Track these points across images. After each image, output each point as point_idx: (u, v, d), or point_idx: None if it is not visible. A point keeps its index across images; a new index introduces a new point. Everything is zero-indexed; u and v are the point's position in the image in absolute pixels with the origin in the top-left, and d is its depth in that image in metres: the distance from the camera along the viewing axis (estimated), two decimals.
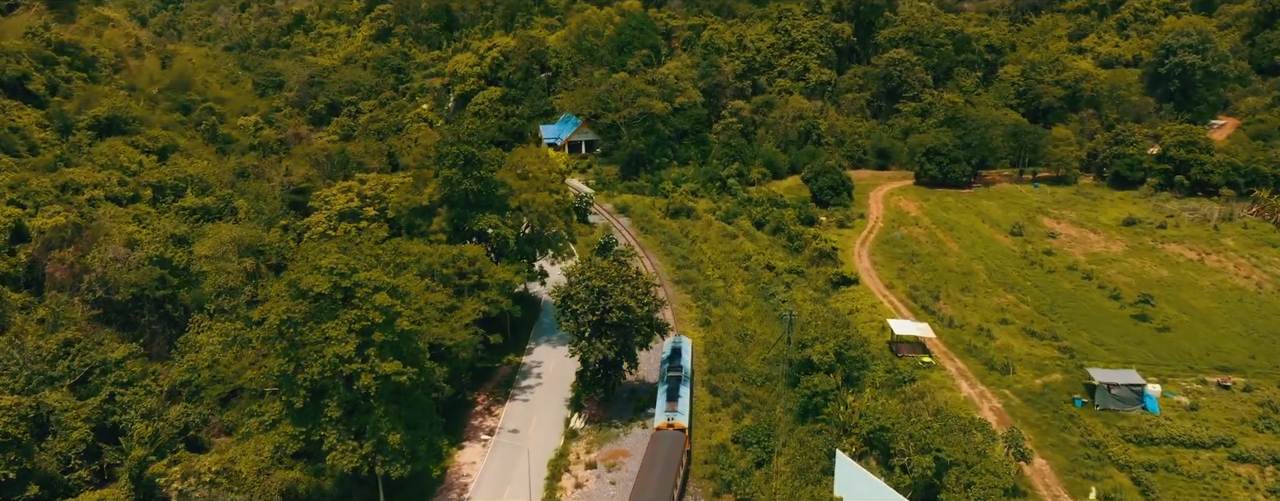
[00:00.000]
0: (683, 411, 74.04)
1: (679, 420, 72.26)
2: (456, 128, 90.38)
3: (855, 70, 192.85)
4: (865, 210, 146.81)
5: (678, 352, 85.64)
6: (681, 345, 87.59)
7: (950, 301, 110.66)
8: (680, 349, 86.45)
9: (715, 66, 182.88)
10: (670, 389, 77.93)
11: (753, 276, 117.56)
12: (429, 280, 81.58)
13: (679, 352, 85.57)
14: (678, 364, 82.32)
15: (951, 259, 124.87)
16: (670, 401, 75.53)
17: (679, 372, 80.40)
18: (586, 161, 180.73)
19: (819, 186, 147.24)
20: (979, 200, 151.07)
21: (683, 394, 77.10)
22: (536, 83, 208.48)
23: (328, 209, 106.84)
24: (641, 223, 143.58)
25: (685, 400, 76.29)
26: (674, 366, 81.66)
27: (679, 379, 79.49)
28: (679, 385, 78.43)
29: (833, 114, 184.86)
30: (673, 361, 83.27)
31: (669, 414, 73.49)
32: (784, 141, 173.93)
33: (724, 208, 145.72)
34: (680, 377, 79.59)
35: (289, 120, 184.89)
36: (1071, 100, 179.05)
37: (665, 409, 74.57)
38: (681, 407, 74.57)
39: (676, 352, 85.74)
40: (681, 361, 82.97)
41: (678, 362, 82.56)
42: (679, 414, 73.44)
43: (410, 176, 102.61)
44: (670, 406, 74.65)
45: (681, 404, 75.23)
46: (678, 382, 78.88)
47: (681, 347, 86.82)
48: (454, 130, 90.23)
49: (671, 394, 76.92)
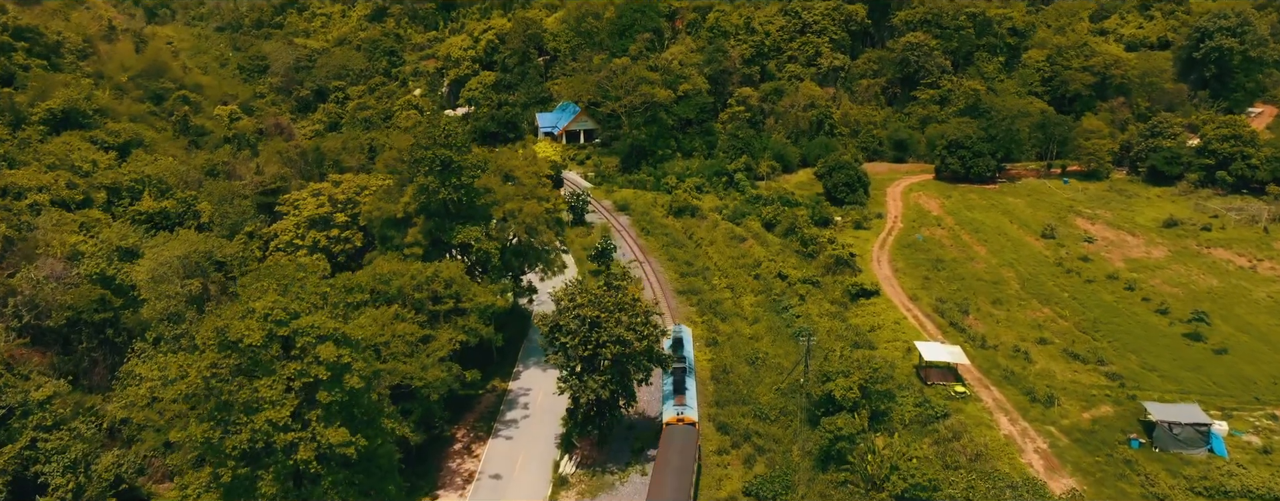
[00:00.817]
0: (692, 405, 72.19)
1: (689, 414, 70.13)
2: (432, 129, 79.71)
3: (869, 55, 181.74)
4: (883, 208, 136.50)
5: (680, 343, 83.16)
6: (682, 335, 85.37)
7: (981, 316, 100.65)
8: (681, 339, 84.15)
9: (721, 51, 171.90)
10: (676, 381, 75.77)
11: (763, 286, 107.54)
12: (398, 307, 71.69)
13: (681, 343, 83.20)
14: (680, 355, 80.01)
15: (979, 265, 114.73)
16: (677, 394, 73.51)
17: (682, 364, 78.32)
18: (584, 152, 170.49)
19: (833, 183, 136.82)
20: (1005, 197, 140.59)
21: (689, 385, 75.49)
22: (533, 67, 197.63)
23: (296, 214, 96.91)
24: (642, 222, 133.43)
25: (692, 392, 74.64)
26: (677, 358, 78.99)
27: (683, 370, 77.40)
28: (684, 377, 76.52)
29: (846, 102, 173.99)
30: (675, 352, 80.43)
31: (678, 408, 71.12)
32: (794, 132, 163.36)
33: (731, 206, 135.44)
34: (685, 369, 77.65)
35: (270, 108, 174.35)
36: (1099, 87, 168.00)
37: (673, 402, 72.29)
38: (690, 400, 72.81)
39: (678, 343, 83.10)
40: (684, 352, 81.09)
41: (680, 354, 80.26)
42: (688, 408, 71.27)
43: (388, 179, 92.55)
44: (678, 400, 72.57)
45: (689, 396, 73.48)
46: (683, 374, 76.78)
47: (683, 337, 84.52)
48: (429, 132, 79.82)
49: (678, 386, 74.99)
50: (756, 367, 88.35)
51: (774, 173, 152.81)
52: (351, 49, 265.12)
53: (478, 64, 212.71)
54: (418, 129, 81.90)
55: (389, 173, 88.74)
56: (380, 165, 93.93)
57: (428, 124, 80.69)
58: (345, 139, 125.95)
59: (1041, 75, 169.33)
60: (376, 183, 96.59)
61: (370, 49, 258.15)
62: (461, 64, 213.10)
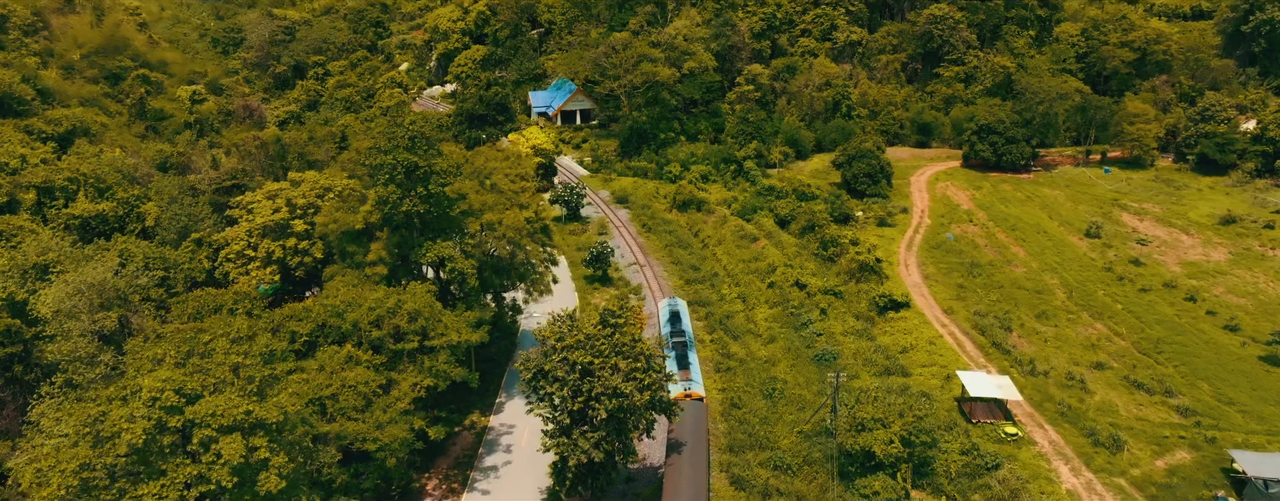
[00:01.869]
0: (697, 379, 70.87)
1: (695, 389, 68.69)
2: (394, 129, 67.37)
3: (889, 28, 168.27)
4: (908, 201, 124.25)
5: (677, 316, 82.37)
6: (678, 307, 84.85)
7: (1026, 332, 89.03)
8: (678, 312, 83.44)
9: (729, 25, 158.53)
10: (678, 355, 73.96)
11: (779, 296, 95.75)
12: (353, 347, 60.00)
13: (678, 316, 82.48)
14: (679, 328, 79.33)
15: (1018, 269, 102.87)
16: (682, 369, 71.71)
17: (683, 337, 77.40)
18: (581, 135, 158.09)
19: (853, 173, 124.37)
20: (1041, 188, 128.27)
21: (692, 359, 74.18)
22: (526, 42, 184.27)
23: (249, 220, 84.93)
24: (643, 217, 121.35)
25: (696, 366, 73.35)
26: (676, 332, 78.63)
27: (684, 344, 76.36)
28: (686, 351, 75.17)
29: (864, 80, 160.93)
30: (674, 326, 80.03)
31: (684, 383, 69.31)
32: (808, 114, 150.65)
33: (741, 199, 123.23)
34: (686, 342, 76.62)
35: (241, 87, 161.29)
36: (1138, 64, 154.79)
37: (679, 377, 69.86)
38: (695, 375, 71.56)
39: (676, 316, 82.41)
40: (683, 326, 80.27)
41: (679, 327, 79.55)
42: (695, 383, 69.93)
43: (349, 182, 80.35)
44: (683, 375, 70.84)
45: (694, 371, 72.21)
46: (684, 348, 75.54)
47: (679, 310, 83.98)
48: (391, 132, 67.46)
49: (681, 361, 73.17)
50: (774, 401, 76.82)
51: (786, 159, 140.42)
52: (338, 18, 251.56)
53: (468, 37, 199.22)
54: (376, 129, 69.51)
55: (350, 176, 76.48)
56: (337, 167, 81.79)
57: (389, 122, 68.28)
58: (311, 129, 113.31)
59: (1076, 51, 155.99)
60: (341, 184, 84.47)
61: (355, 19, 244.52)
62: (450, 37, 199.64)
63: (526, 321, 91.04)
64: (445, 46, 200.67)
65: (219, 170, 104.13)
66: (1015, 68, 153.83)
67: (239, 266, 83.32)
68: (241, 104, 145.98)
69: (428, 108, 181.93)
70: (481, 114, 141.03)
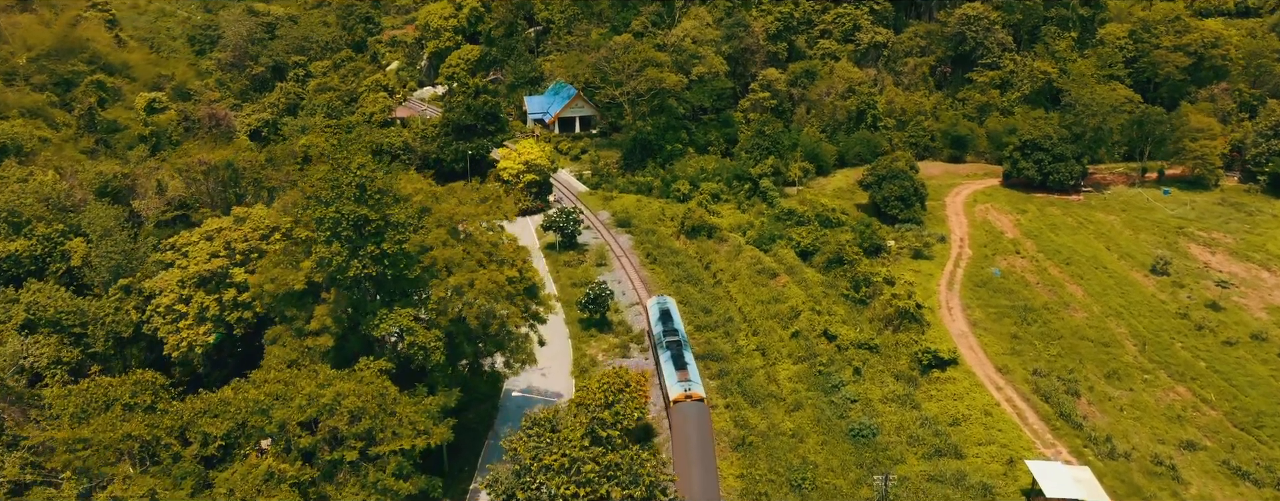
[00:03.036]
0: (696, 379, 68.21)
1: (696, 390, 66.55)
2: (338, 172, 54.00)
3: (916, 28, 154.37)
4: (945, 228, 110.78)
5: (668, 314, 79.05)
6: (668, 305, 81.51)
7: (1096, 398, 75.75)
8: (669, 310, 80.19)
9: (742, 26, 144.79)
10: (674, 355, 71.26)
11: (804, 349, 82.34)
12: (275, 459, 46.96)
13: (669, 314, 79.17)
14: (671, 327, 76.53)
15: (1078, 314, 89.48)
16: (679, 370, 69.09)
17: (676, 337, 74.52)
18: (579, 145, 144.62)
19: (884, 196, 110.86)
20: (1093, 212, 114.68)
21: (688, 359, 71.15)
22: (522, 40, 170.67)
23: (183, 268, 71.77)
24: (647, 245, 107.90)
25: (694, 366, 70.38)
26: (668, 330, 75.81)
27: (679, 343, 73.41)
28: (681, 350, 72.24)
29: (889, 86, 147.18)
30: (665, 325, 77.02)
31: (683, 384, 66.95)
32: (830, 124, 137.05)
33: (757, 225, 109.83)
34: (680, 342, 73.73)
35: (211, 92, 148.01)
36: (1193, 70, 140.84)
37: (677, 379, 67.92)
38: (694, 375, 68.73)
39: (666, 314, 79.04)
40: (675, 324, 77.34)
41: (671, 326, 76.70)
42: (693, 383, 67.38)
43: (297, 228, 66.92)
44: (681, 375, 68.28)
45: (692, 371, 69.23)
46: (679, 347, 72.69)
47: (669, 308, 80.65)
48: (334, 177, 54.08)
49: (677, 361, 70.41)
50: (803, 493, 63.63)
51: (806, 177, 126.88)
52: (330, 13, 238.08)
53: (460, 35, 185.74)
54: (316, 176, 56.29)
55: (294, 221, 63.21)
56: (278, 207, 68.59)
57: (334, 162, 55.01)
58: (270, 150, 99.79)
59: (1124, 55, 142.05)
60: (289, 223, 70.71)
61: (343, 15, 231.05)
62: (442, 35, 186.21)
63: (513, 379, 77.98)
64: (436, 45, 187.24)
65: (165, 196, 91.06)
66: (1057, 73, 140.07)
67: (169, 322, 70.34)
68: (206, 112, 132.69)
69: (416, 112, 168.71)
70: (470, 124, 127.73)
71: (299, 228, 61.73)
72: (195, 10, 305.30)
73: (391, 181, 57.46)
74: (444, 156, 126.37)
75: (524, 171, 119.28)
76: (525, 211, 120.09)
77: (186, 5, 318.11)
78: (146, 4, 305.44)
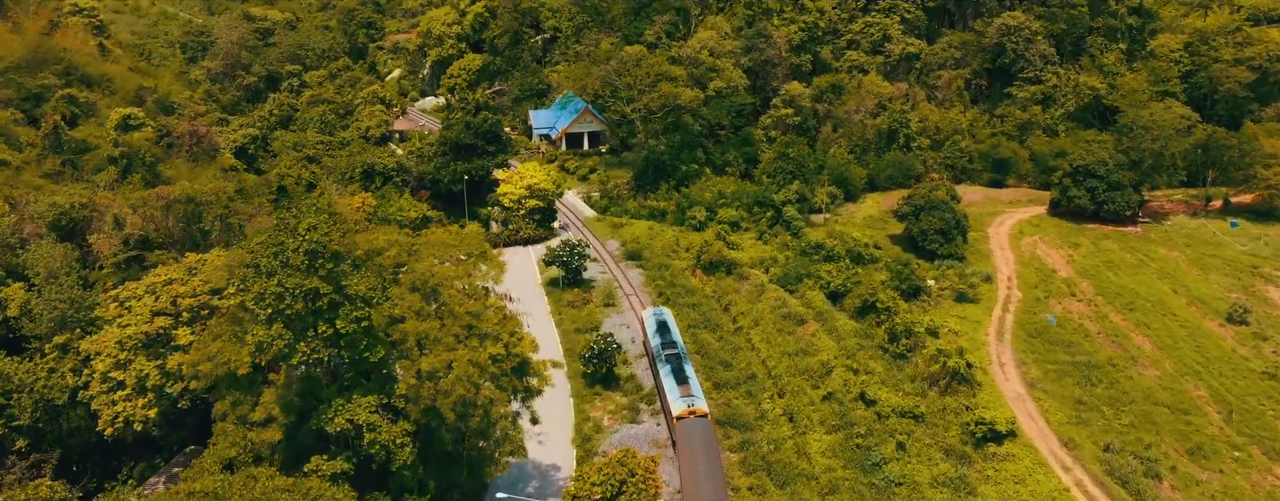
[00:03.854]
0: (699, 394, 66.43)
1: (699, 405, 64.63)
2: (284, 235, 43.91)
3: (950, 39, 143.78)
4: (990, 265, 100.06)
5: (665, 326, 76.79)
6: (664, 317, 79.11)
7: (1180, 482, 65.14)
8: (666, 322, 77.90)
9: (763, 36, 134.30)
10: (674, 369, 69.24)
11: (838, 415, 71.92)
12: None
13: (666, 326, 76.82)
14: (670, 339, 74.33)
15: (1149, 373, 78.79)
16: (681, 384, 67.21)
17: (675, 349, 72.47)
18: (588, 163, 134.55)
19: (922, 228, 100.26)
20: (1154, 247, 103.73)
21: (689, 372, 69.29)
22: (527, 50, 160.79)
23: (124, 325, 61.96)
24: (660, 281, 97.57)
25: (695, 380, 68.53)
26: (666, 343, 73.62)
27: (679, 356, 71.31)
28: (681, 363, 70.27)
29: (923, 101, 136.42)
30: (663, 337, 74.76)
31: (686, 399, 65.02)
32: (859, 144, 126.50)
33: (781, 260, 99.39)
34: (680, 355, 71.61)
35: (195, 105, 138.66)
36: (1257, 86, 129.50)
37: (680, 394, 65.99)
38: (696, 389, 66.94)
39: (663, 326, 76.73)
40: (673, 336, 75.08)
41: (670, 338, 74.58)
42: (697, 398, 65.63)
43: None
44: (684, 390, 66.37)
45: (693, 385, 67.38)
46: (679, 361, 70.61)
47: (666, 320, 78.39)
48: (278, 241, 44.05)
49: (678, 375, 68.50)
50: None
51: (834, 202, 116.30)
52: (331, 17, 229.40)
53: (464, 43, 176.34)
54: (256, 239, 46.42)
55: (239, 290, 53.04)
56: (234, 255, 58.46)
57: (279, 221, 45.06)
58: (240, 180, 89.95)
59: (1180, 69, 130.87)
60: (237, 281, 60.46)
61: (345, 20, 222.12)
62: (444, 42, 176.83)
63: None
64: (439, 53, 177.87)
65: (122, 232, 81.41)
66: (1105, 89, 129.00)
67: (106, 390, 60.59)
68: (187, 129, 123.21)
69: (416, 125, 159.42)
70: (469, 143, 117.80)
71: (239, 295, 51.67)
72: (198, 12, 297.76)
73: (350, 242, 47.35)
74: (441, 178, 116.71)
75: (526, 197, 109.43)
76: (527, 240, 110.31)
77: (190, 7, 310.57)
78: (149, 6, 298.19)
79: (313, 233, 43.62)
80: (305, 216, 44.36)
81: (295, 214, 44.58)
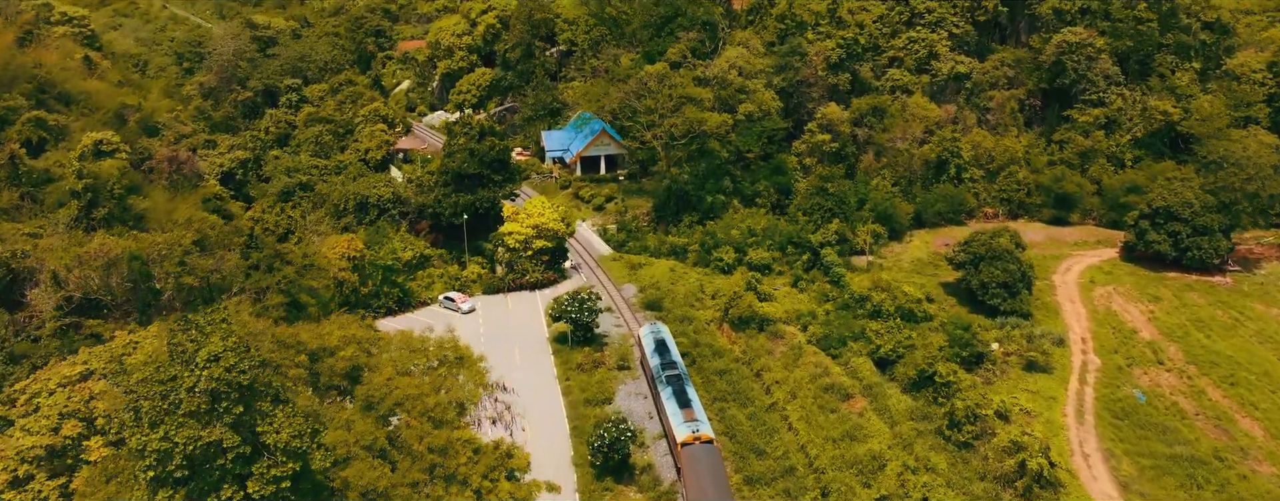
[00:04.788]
0: (703, 419, 63.77)
1: (704, 431, 61.85)
2: (170, 367, 32.36)
3: (1002, 56, 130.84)
4: (1059, 321, 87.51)
5: (664, 346, 74.13)
6: (662, 334, 76.89)
7: None
8: (664, 340, 75.30)
9: (798, 54, 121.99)
10: (676, 391, 66.37)
11: None
12: None
13: (665, 346, 74.22)
14: (670, 359, 71.48)
15: (1264, 469, 66.23)
16: (684, 408, 64.30)
17: (676, 370, 69.56)
18: (605, 191, 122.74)
19: (982, 280, 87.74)
20: (1248, 302, 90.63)
21: (692, 395, 66.61)
22: (541, 64, 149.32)
23: (25, 431, 50.97)
24: (682, 339, 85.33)
25: (698, 404, 65.85)
26: (666, 363, 70.68)
27: (680, 377, 68.44)
28: (683, 385, 67.51)
29: (974, 125, 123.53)
30: (663, 356, 71.78)
31: (690, 425, 62.03)
32: (905, 175, 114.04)
33: (820, 316, 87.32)
34: (681, 376, 68.74)
35: (180, 125, 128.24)
36: None
37: (683, 419, 63.14)
38: (700, 414, 64.22)
39: (662, 345, 74.07)
40: (672, 356, 72.35)
41: (669, 358, 71.72)
42: (702, 423, 62.97)
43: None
44: (687, 414, 63.51)
45: (698, 409, 64.79)
46: (681, 382, 67.78)
47: (665, 338, 75.91)
48: (165, 379, 32.82)
49: (681, 398, 65.54)
50: None
51: (877, 242, 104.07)
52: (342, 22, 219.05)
53: (474, 55, 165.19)
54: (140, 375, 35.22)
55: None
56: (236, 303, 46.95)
57: (172, 349, 33.78)
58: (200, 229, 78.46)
59: (1265, 91, 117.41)
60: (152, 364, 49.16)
61: (353, 28, 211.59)
62: (454, 54, 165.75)
63: None
64: (448, 66, 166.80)
65: (63, 291, 70.69)
66: (1178, 113, 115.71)
67: None
68: (165, 155, 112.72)
69: (423, 144, 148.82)
70: (473, 173, 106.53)
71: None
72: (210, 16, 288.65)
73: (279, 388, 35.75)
74: (442, 210, 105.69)
75: (533, 236, 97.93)
76: (534, 285, 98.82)
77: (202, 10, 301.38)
78: (160, 10, 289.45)
79: (215, 366, 32.18)
80: (208, 340, 32.99)
81: (193, 336, 33.22)
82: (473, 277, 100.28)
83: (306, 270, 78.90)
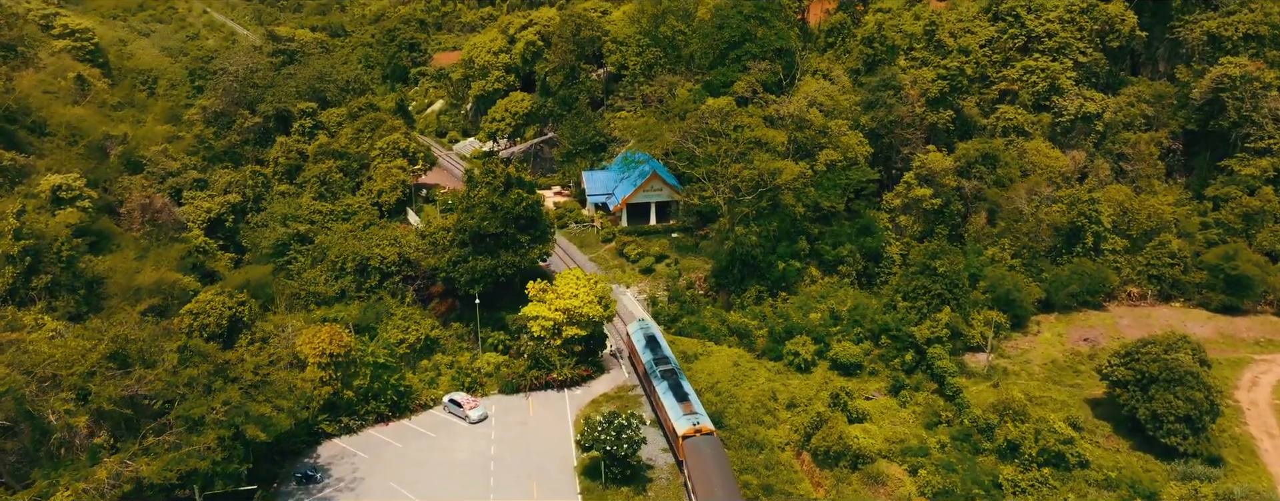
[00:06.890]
0: (701, 411, 63.45)
1: (705, 423, 61.57)
2: None
3: (1139, 90, 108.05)
4: (1258, 468, 65.12)
5: (655, 341, 72.86)
6: (652, 331, 75.76)
7: None
8: (655, 336, 74.19)
9: (891, 87, 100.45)
10: (672, 386, 65.85)
11: None
12: None
13: (656, 341, 73.06)
14: (661, 355, 70.82)
15: None
16: (681, 402, 63.91)
17: (670, 365, 69.25)
18: (654, 247, 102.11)
19: (1153, 411, 65.59)
20: None
21: (688, 389, 66.36)
22: (584, 90, 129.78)
23: None
24: (751, 475, 65.22)
25: (695, 397, 65.63)
26: (659, 358, 70.08)
27: (674, 372, 68.23)
28: (678, 379, 67.22)
29: (1109, 179, 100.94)
30: (654, 352, 70.96)
31: (690, 418, 61.90)
32: (1028, 244, 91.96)
33: (934, 448, 66.21)
34: (675, 371, 68.55)
35: (166, 162, 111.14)
36: None
37: (682, 412, 62.68)
38: (697, 407, 63.90)
39: (653, 341, 72.80)
40: (664, 352, 71.73)
41: (661, 353, 70.96)
42: (700, 415, 62.63)
43: None
44: (686, 408, 63.19)
45: (695, 402, 64.46)
46: (675, 376, 67.51)
47: (655, 335, 74.59)
48: None
49: (677, 392, 65.10)
50: None
51: (997, 334, 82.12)
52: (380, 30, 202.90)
53: (512, 76, 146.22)
54: None
55: None
56: None
57: None
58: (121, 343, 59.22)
59: None
60: None
61: (385, 40, 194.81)
62: (489, 74, 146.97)
63: None
64: (482, 86, 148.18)
65: None
66: None
67: None
68: (137, 201, 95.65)
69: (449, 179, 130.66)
70: (496, 232, 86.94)
71: None
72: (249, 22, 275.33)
73: None
74: (457, 276, 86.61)
75: (564, 322, 77.80)
76: (563, 384, 78.89)
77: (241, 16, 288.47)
78: (198, 15, 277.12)
79: None
80: None
81: None
82: (488, 370, 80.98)
83: (262, 387, 60.24)
